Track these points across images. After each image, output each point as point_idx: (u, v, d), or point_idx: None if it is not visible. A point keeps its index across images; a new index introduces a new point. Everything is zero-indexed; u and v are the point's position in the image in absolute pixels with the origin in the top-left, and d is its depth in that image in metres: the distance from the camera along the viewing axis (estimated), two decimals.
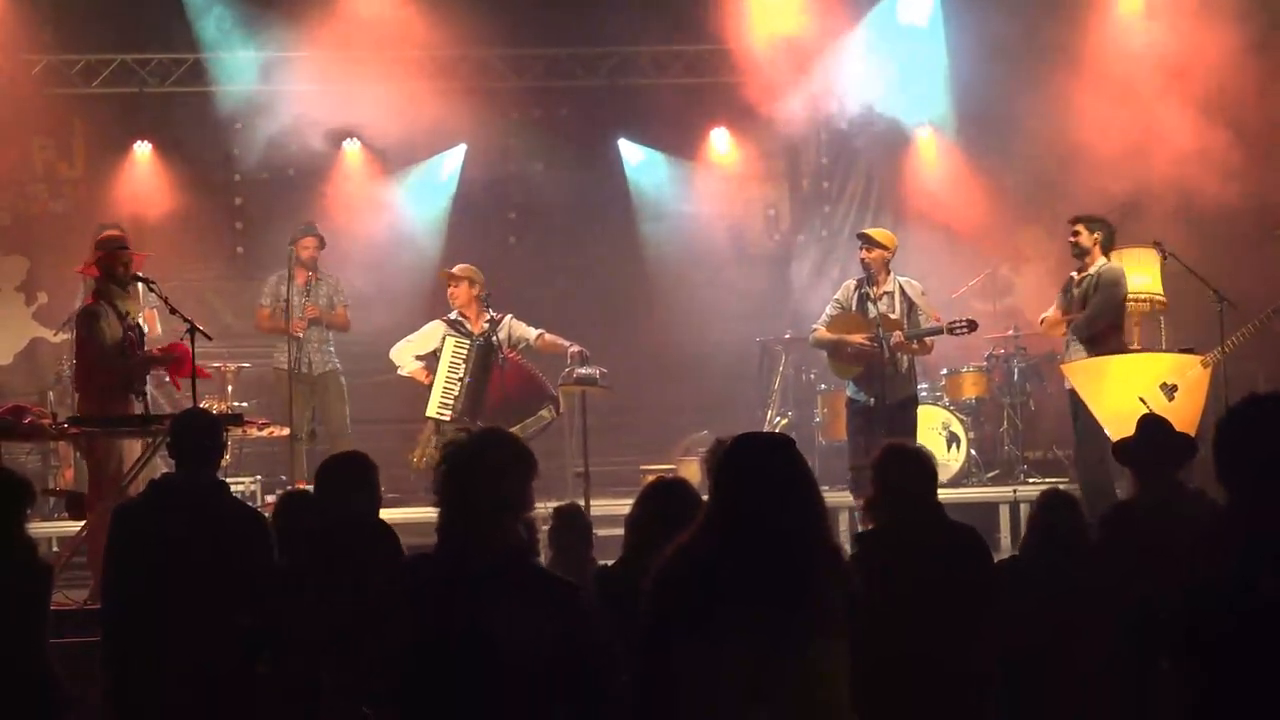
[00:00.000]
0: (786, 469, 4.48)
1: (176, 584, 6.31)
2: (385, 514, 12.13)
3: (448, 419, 11.84)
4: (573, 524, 7.28)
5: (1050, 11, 14.00)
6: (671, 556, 4.48)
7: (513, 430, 7.19)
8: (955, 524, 6.09)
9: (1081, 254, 11.15)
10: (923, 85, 14.69)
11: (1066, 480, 12.75)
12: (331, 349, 13.01)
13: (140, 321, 10.54)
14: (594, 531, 10.18)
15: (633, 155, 15.68)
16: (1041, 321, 11.69)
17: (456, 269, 12.27)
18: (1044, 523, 6.39)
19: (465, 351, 11.92)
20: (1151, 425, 7.01)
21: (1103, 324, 11.04)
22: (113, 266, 10.17)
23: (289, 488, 11.52)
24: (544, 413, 11.94)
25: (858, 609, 4.45)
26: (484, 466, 4.44)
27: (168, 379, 10.87)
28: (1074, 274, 11.24)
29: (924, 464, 6.04)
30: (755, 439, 4.75)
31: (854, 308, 11.14)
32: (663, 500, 5.76)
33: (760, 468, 4.48)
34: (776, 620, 4.28)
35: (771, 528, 4.36)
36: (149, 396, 10.26)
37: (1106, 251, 11.14)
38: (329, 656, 5.99)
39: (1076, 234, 11.15)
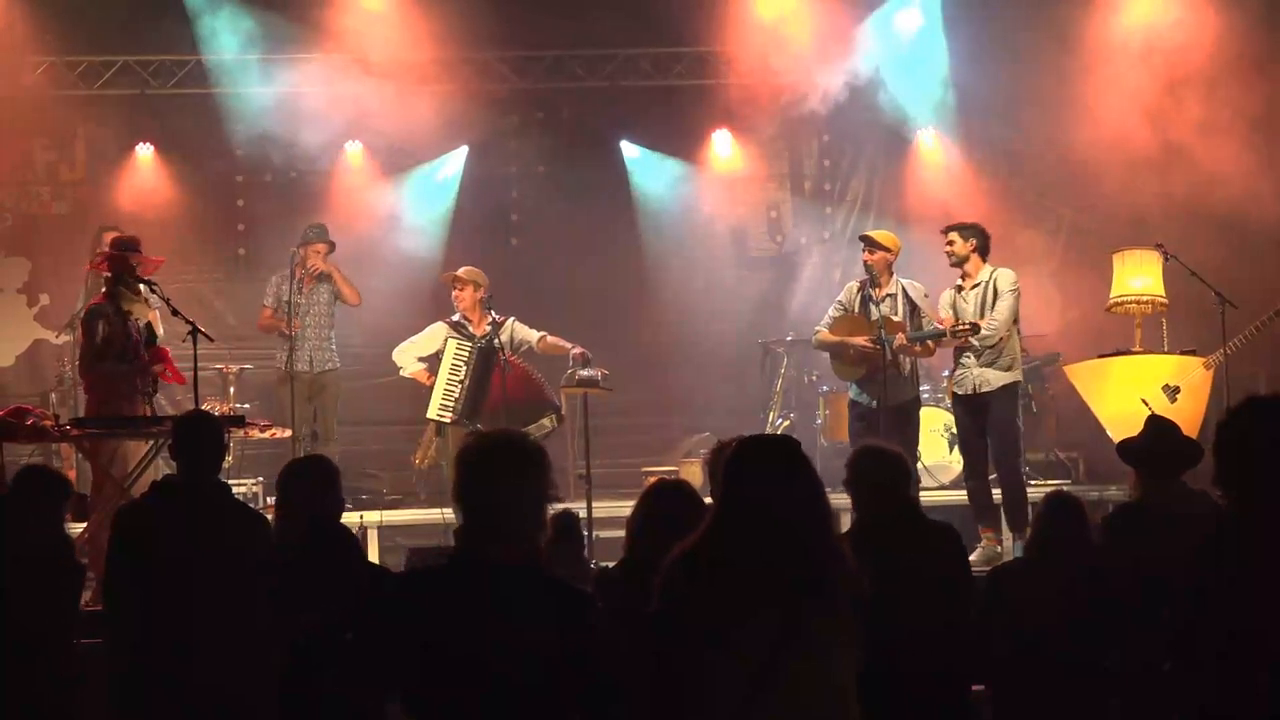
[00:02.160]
0: (794, 469, 4.50)
1: (178, 586, 6.31)
2: (389, 515, 12.28)
3: (448, 421, 11.85)
4: (567, 531, 7.29)
5: (1052, 12, 13.99)
6: (681, 554, 4.49)
7: None
8: (933, 522, 6.10)
9: (960, 262, 11.01)
10: (924, 87, 14.69)
11: (1068, 482, 12.80)
12: (334, 348, 13.00)
13: (148, 324, 10.54)
14: (595, 533, 10.22)
15: (634, 157, 15.68)
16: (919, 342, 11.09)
17: (461, 272, 12.27)
18: (1049, 524, 6.39)
19: (467, 354, 11.92)
20: (1160, 426, 7.01)
21: (1007, 329, 10.86)
22: (122, 267, 10.20)
23: None
24: (545, 421, 11.93)
25: (863, 609, 4.46)
26: (494, 468, 4.44)
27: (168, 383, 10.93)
28: (960, 283, 11.10)
29: (897, 462, 6.04)
30: (762, 439, 4.77)
31: (856, 310, 11.14)
32: (664, 502, 5.77)
33: (768, 467, 4.49)
34: (787, 615, 4.29)
35: (780, 525, 4.37)
36: (154, 399, 10.29)
37: (985, 257, 11.02)
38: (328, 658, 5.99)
39: (951, 243, 11.02)
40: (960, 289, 11.05)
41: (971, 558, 8.72)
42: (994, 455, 11.10)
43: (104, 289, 10.43)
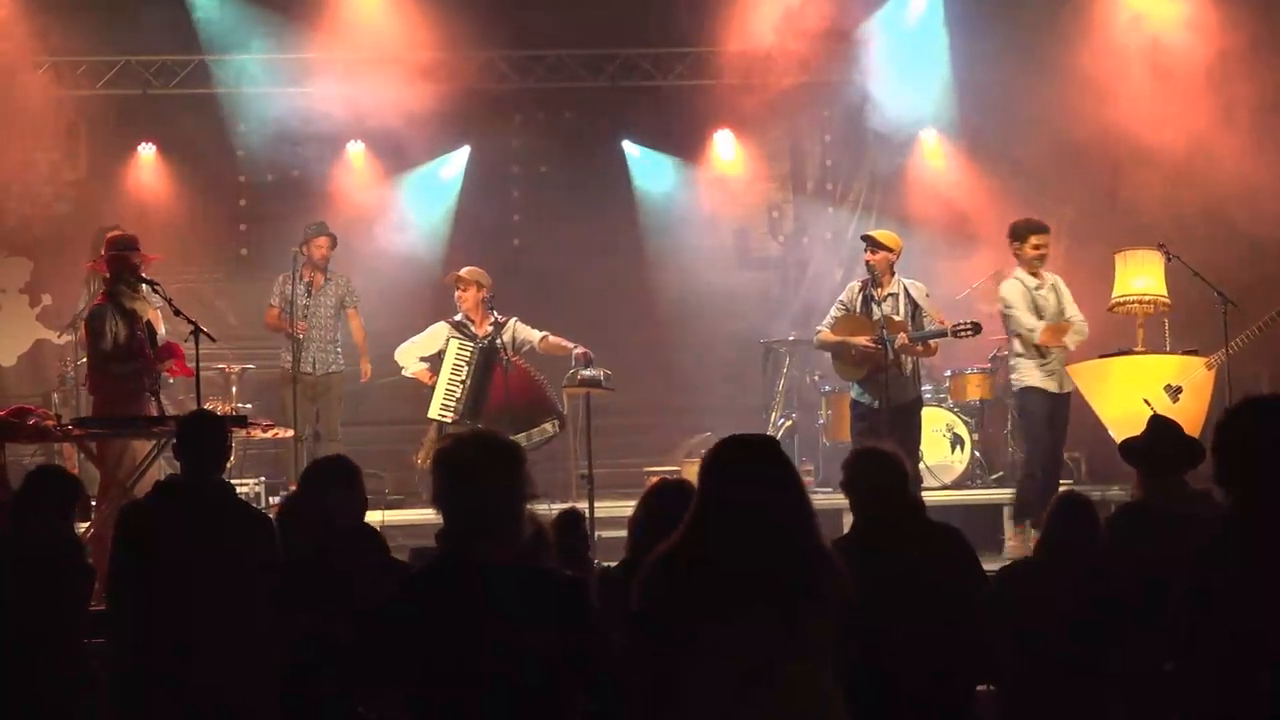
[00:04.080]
0: (772, 468, 4.50)
1: (181, 585, 6.31)
2: (392, 515, 12.26)
3: (449, 421, 11.84)
4: (573, 529, 7.28)
5: (1055, 13, 13.99)
6: (662, 555, 4.49)
7: (515, 439, 7.17)
8: (937, 524, 6.06)
9: (1042, 262, 11.38)
10: (927, 87, 14.68)
11: (1070, 482, 12.79)
12: (339, 350, 13.06)
13: (150, 322, 10.53)
14: (597, 533, 10.21)
15: (636, 157, 15.69)
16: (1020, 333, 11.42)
17: (464, 272, 12.26)
18: (1059, 524, 6.37)
19: (468, 354, 11.91)
20: (1162, 426, 7.01)
21: None
22: (121, 267, 10.18)
23: (288, 490, 11.54)
24: (547, 425, 11.93)
25: (853, 610, 4.46)
26: (474, 469, 4.44)
27: (171, 380, 10.91)
28: (1037, 281, 11.35)
29: (894, 464, 5.99)
30: (741, 438, 4.74)
31: (858, 309, 11.14)
32: (665, 502, 5.77)
33: (745, 466, 4.50)
34: (782, 615, 4.30)
35: (759, 524, 4.38)
36: (160, 397, 10.29)
37: None
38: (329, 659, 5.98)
39: (1047, 244, 11.39)
40: (1039, 287, 11.28)
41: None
42: (1058, 452, 11.57)
43: (103, 289, 10.40)
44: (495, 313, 12.07)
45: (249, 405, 13.20)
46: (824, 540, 4.57)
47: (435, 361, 12.12)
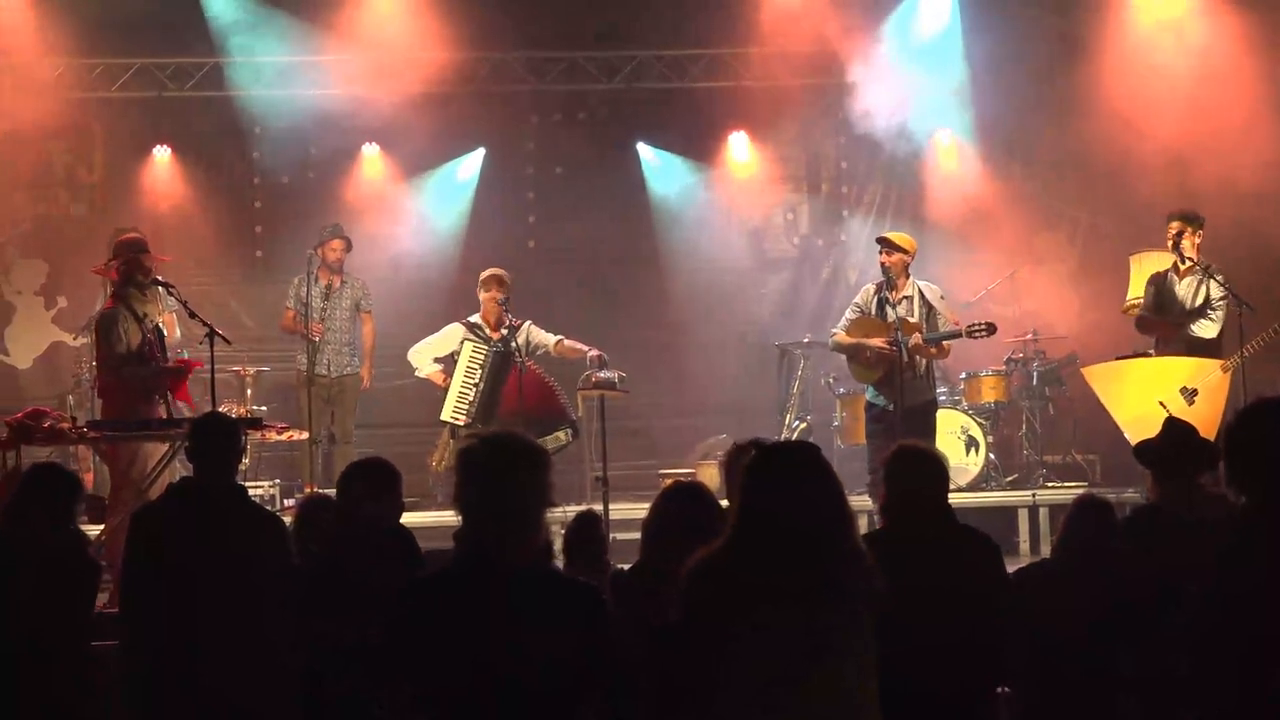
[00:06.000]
0: (813, 475, 4.49)
1: (195, 588, 6.31)
2: (405, 517, 12.18)
3: (461, 424, 11.83)
4: (590, 531, 7.28)
5: (1069, 16, 13.97)
6: (704, 559, 4.48)
7: None
8: (965, 527, 6.04)
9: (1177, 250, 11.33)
10: (941, 89, 14.65)
11: (1085, 484, 12.78)
12: (354, 352, 13.08)
13: (160, 325, 10.54)
14: (611, 535, 10.21)
15: (651, 159, 15.68)
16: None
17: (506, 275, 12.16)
18: (1077, 527, 6.36)
19: (483, 357, 11.90)
20: (1177, 428, 7.00)
21: None
22: (132, 269, 10.19)
23: (304, 492, 11.56)
24: (561, 434, 11.89)
25: (879, 608, 4.46)
26: (499, 469, 4.44)
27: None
28: (1174, 269, 11.33)
29: (937, 465, 5.98)
30: (781, 446, 4.74)
31: (873, 311, 11.11)
32: (679, 504, 5.74)
33: (787, 475, 4.49)
34: (811, 619, 4.30)
35: (801, 531, 4.37)
36: (169, 400, 10.29)
37: None
38: (348, 662, 5.99)
39: (1181, 234, 11.29)
40: (1169, 274, 11.31)
41: None
42: None
43: (114, 292, 10.40)
44: (510, 315, 12.03)
45: (264, 408, 13.21)
46: (858, 543, 4.56)
47: (449, 363, 12.11)
